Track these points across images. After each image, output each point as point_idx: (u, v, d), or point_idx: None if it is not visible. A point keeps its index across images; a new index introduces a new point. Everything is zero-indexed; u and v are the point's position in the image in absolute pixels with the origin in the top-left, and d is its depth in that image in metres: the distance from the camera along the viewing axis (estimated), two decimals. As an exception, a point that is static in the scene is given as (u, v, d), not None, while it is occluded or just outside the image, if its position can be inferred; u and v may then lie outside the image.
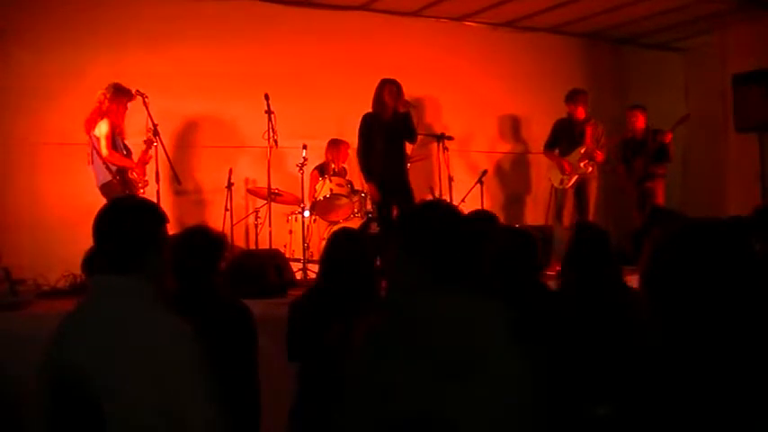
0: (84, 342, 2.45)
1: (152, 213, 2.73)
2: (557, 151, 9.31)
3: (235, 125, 8.97)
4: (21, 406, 2.58)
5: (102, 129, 7.30)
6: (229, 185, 8.34)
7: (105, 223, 2.63)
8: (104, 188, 7.31)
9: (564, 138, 9.27)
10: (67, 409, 2.41)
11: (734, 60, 10.20)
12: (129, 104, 7.45)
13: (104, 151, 7.29)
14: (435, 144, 8.71)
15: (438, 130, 8.72)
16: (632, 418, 1.55)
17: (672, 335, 1.64)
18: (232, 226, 8.25)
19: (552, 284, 4.67)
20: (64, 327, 2.57)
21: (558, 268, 8.57)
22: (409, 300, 2.47)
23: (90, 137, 7.34)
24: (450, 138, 8.63)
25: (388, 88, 8.11)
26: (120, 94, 7.32)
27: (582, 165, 9.17)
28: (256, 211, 8.48)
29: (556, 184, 9.27)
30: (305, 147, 8.10)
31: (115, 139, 7.37)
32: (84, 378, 2.36)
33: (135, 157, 7.44)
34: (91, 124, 7.33)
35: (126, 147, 7.45)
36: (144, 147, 7.50)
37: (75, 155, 8.02)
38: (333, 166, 8.69)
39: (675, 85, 11.36)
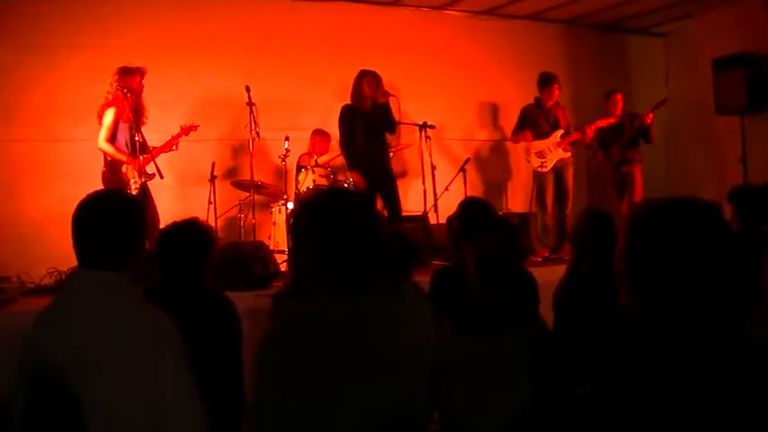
0: (62, 339, 2.43)
1: (132, 208, 2.70)
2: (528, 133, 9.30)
3: (217, 117, 8.94)
4: (5, 405, 2.55)
5: (107, 119, 7.19)
6: (212, 178, 8.32)
7: (84, 218, 2.59)
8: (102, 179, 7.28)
9: (532, 124, 9.29)
10: (45, 407, 2.39)
11: (714, 44, 10.22)
12: (142, 82, 7.31)
13: (99, 141, 7.20)
14: (417, 132, 8.71)
15: (418, 119, 8.72)
16: (608, 399, 1.55)
17: (650, 313, 1.64)
18: (216, 219, 8.23)
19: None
20: (40, 324, 2.55)
21: (544, 253, 8.73)
22: (301, 300, 2.38)
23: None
24: (432, 126, 8.63)
25: (367, 79, 8.13)
26: (126, 75, 7.19)
27: (561, 149, 9.21)
28: (240, 204, 8.46)
29: (536, 167, 9.27)
30: (287, 138, 8.10)
31: (121, 129, 7.26)
32: (63, 376, 2.34)
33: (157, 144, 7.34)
34: (100, 114, 7.24)
35: (132, 136, 7.25)
36: (178, 132, 7.51)
37: (59, 151, 8.02)
38: (315, 157, 8.68)
39: (656, 69, 11.39)
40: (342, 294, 2.29)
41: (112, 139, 7.23)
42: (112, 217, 2.59)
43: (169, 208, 7.59)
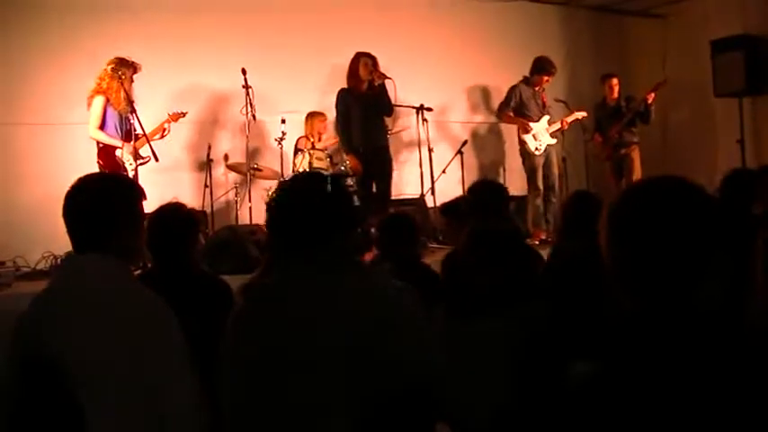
0: (55, 322, 2.41)
1: (124, 189, 2.65)
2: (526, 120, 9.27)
3: (213, 100, 8.91)
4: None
5: (94, 106, 7.23)
6: (208, 161, 8.31)
7: (74, 201, 2.55)
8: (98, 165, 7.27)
9: (525, 106, 9.29)
10: (39, 389, 2.37)
11: (713, 26, 10.19)
12: (134, 77, 7.34)
13: (90, 130, 7.23)
14: (414, 115, 8.68)
15: (414, 101, 8.68)
16: (607, 377, 1.55)
17: (634, 294, 1.64)
18: (212, 202, 8.22)
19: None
20: (34, 306, 2.52)
21: (540, 236, 8.72)
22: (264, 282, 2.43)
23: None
24: (429, 109, 8.60)
25: (363, 61, 8.11)
26: (121, 67, 7.19)
27: (551, 134, 9.23)
28: (236, 187, 8.44)
29: (531, 150, 9.23)
30: (284, 121, 8.07)
31: (110, 116, 7.27)
32: (57, 361, 2.32)
33: (148, 130, 7.32)
34: (88, 102, 7.27)
35: (126, 121, 7.25)
36: (167, 119, 7.57)
37: (55, 135, 7.98)
38: (312, 139, 8.64)
39: (653, 51, 11.35)
40: (292, 272, 2.35)
41: (103, 125, 7.26)
42: (102, 199, 2.54)
43: (164, 192, 7.56)
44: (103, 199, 2.55)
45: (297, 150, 8.54)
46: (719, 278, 1.60)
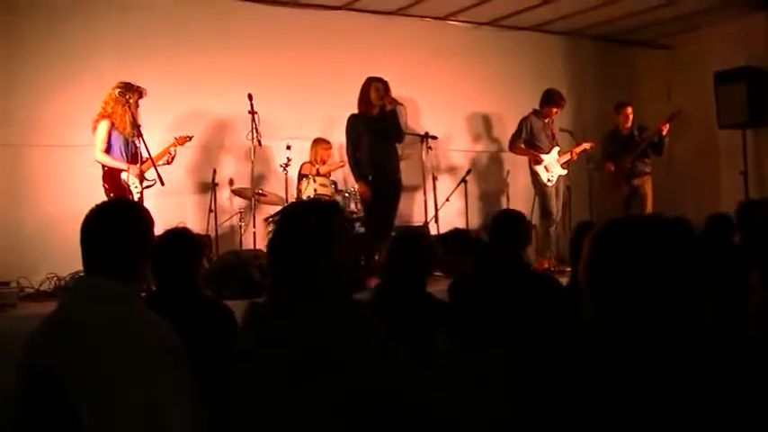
0: (63, 344, 2.43)
1: (139, 217, 2.72)
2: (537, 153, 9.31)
3: (218, 125, 8.95)
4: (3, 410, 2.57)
5: (99, 130, 7.30)
6: (213, 186, 8.34)
7: (92, 226, 2.61)
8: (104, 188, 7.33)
9: (536, 138, 9.33)
10: (41, 411, 2.39)
11: (717, 58, 10.25)
12: (139, 102, 7.41)
13: (96, 154, 7.30)
14: (419, 143, 8.71)
15: (420, 129, 8.71)
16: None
17: (614, 323, 1.70)
18: (216, 227, 8.25)
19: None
20: (43, 328, 2.56)
21: (543, 265, 8.71)
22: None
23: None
24: (434, 137, 8.61)
25: (374, 86, 8.04)
26: (127, 92, 7.25)
27: (560, 166, 9.26)
28: (241, 212, 8.47)
29: (544, 181, 9.27)
30: (289, 147, 8.11)
31: (116, 140, 7.33)
32: (60, 381, 2.34)
33: (154, 153, 7.36)
34: (93, 126, 7.34)
35: (132, 145, 7.33)
36: (173, 143, 7.65)
37: (60, 157, 8.02)
38: (317, 166, 8.67)
39: (658, 82, 11.40)
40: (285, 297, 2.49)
41: (108, 149, 7.33)
42: (123, 226, 2.62)
43: (169, 216, 7.60)
44: (120, 226, 2.62)
45: (301, 176, 8.56)
46: (709, 302, 1.65)
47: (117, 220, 2.64)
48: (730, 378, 1.57)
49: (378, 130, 8.04)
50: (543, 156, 9.25)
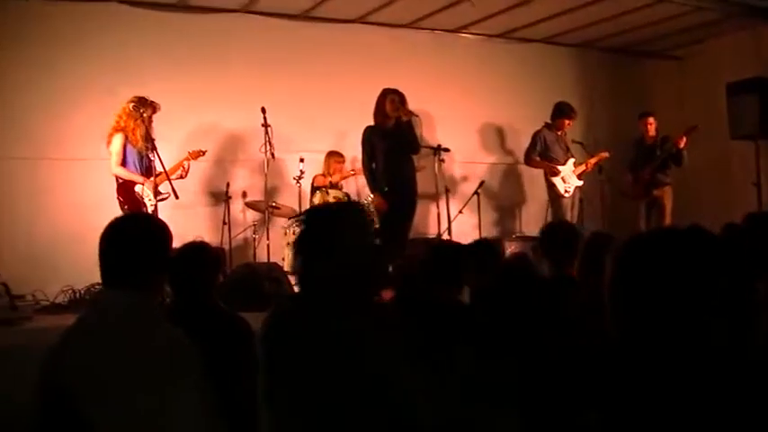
0: (81, 357, 2.45)
1: (157, 231, 2.75)
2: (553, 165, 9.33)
3: (232, 138, 8.99)
4: (20, 424, 2.59)
5: (114, 144, 7.38)
6: (227, 199, 8.37)
7: (111, 239, 2.64)
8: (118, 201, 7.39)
9: (551, 150, 9.34)
10: (56, 423, 2.41)
11: (729, 69, 10.22)
12: (153, 116, 7.47)
13: (112, 167, 7.39)
14: (432, 155, 8.72)
15: (433, 141, 8.73)
16: (615, 423, 1.59)
17: (639, 340, 1.68)
18: (230, 239, 8.27)
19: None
20: (63, 342, 2.58)
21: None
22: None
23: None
24: (447, 149, 8.61)
25: (390, 98, 8.05)
26: (141, 106, 7.30)
27: (576, 177, 9.28)
28: (254, 225, 8.49)
29: (561, 192, 9.28)
30: (302, 160, 8.14)
31: (130, 153, 7.41)
32: (80, 395, 2.36)
33: (168, 167, 7.43)
34: (108, 141, 7.41)
35: (146, 159, 7.44)
36: (187, 157, 7.69)
37: (75, 170, 8.07)
38: (330, 178, 8.69)
39: (670, 93, 11.38)
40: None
41: (123, 162, 7.41)
42: (141, 240, 2.65)
43: (182, 228, 7.63)
44: (139, 240, 2.65)
45: (314, 188, 8.59)
46: (724, 316, 1.64)
47: (135, 234, 2.66)
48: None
49: (394, 142, 8.04)
50: (559, 167, 9.27)
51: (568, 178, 9.29)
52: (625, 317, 1.72)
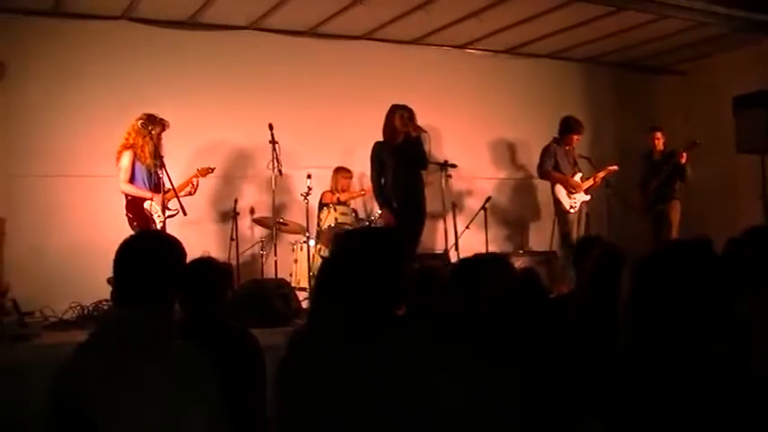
0: (92, 374, 2.45)
1: (172, 249, 2.76)
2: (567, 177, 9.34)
3: (240, 155, 9.03)
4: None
5: (123, 161, 7.42)
6: (235, 215, 8.40)
7: (124, 257, 2.65)
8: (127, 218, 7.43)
9: (559, 164, 9.35)
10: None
11: (735, 82, 10.23)
12: (162, 134, 7.49)
13: (120, 184, 7.42)
14: (439, 171, 8.72)
15: (440, 157, 8.74)
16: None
17: (654, 351, 1.70)
18: (238, 255, 8.29)
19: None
20: (74, 357, 2.58)
21: (562, 290, 8.66)
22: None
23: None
24: (453, 165, 8.60)
25: (399, 113, 7.98)
26: (150, 124, 7.34)
27: (583, 192, 9.28)
28: (262, 241, 8.51)
29: (566, 208, 9.28)
30: (309, 176, 8.16)
31: (138, 170, 7.45)
32: (91, 411, 2.36)
33: (177, 184, 7.44)
34: (117, 158, 7.45)
35: (154, 176, 7.45)
36: (195, 174, 7.73)
37: (84, 187, 8.11)
38: (337, 194, 8.70)
39: (676, 107, 11.40)
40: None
41: (132, 179, 7.44)
42: (155, 258, 2.65)
43: (190, 244, 7.65)
44: (153, 259, 2.65)
45: (322, 205, 8.61)
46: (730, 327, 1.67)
47: (151, 253, 2.67)
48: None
49: (402, 158, 7.99)
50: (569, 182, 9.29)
51: (575, 193, 9.29)
52: (643, 330, 1.73)
